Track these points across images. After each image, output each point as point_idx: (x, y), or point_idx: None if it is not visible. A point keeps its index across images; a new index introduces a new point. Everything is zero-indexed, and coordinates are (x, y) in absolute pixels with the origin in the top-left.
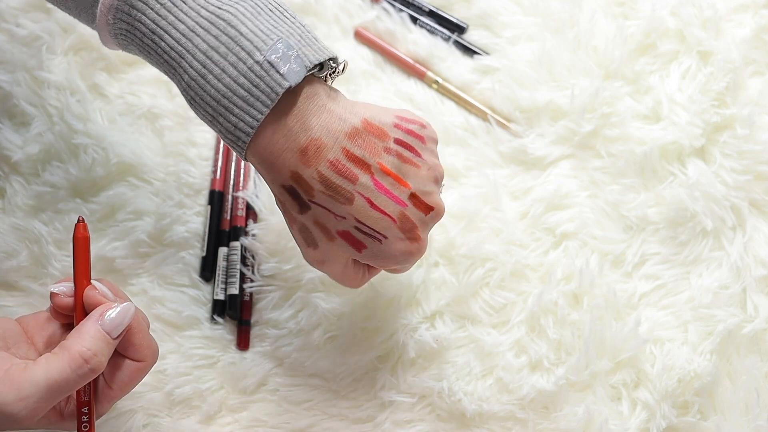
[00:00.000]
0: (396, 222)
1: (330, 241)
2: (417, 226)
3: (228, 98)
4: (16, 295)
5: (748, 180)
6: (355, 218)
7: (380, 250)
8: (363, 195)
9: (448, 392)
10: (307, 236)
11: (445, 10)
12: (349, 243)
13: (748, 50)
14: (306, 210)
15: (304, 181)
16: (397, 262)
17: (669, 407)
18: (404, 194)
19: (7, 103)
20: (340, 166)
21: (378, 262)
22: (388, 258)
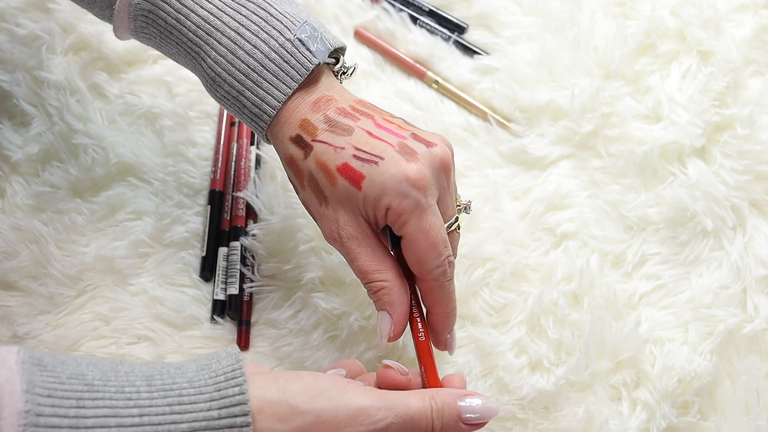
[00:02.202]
0: (394, 147)
1: (333, 186)
2: (417, 152)
3: (258, 72)
4: (15, 295)
5: (748, 180)
6: (353, 146)
7: (379, 175)
8: (363, 128)
9: None
10: (316, 190)
11: (445, 10)
12: (348, 178)
13: (748, 50)
14: (309, 151)
15: (310, 125)
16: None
17: (669, 407)
18: (405, 132)
19: (6, 102)
20: (346, 111)
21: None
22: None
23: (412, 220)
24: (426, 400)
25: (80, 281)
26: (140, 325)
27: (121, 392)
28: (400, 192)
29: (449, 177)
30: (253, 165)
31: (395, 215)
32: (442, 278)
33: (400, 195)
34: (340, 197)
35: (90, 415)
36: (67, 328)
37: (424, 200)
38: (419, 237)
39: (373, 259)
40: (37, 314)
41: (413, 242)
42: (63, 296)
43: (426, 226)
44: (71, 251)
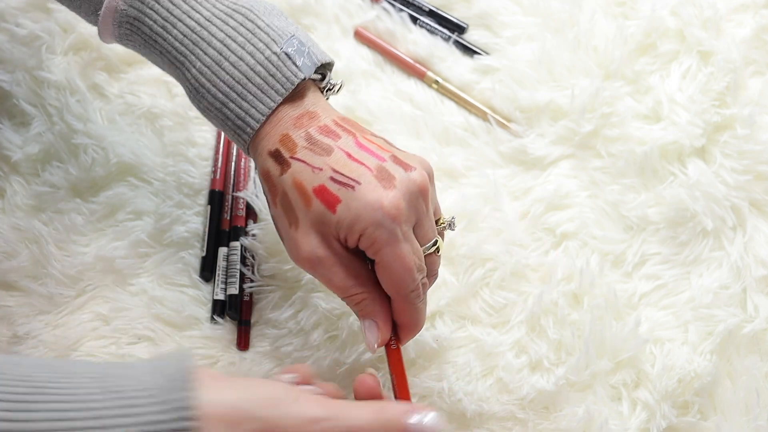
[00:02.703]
0: (372, 171)
1: (307, 207)
2: (395, 178)
3: (243, 85)
4: (15, 295)
5: (748, 180)
6: (331, 168)
7: (354, 200)
8: (342, 149)
9: (448, 392)
10: (288, 210)
11: (445, 10)
12: (324, 201)
13: (748, 50)
14: (286, 168)
15: (290, 140)
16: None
17: (669, 407)
18: (385, 154)
19: (6, 102)
20: (328, 129)
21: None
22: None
23: (386, 249)
24: (373, 413)
25: (80, 281)
26: (140, 325)
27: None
28: (374, 221)
29: (427, 201)
30: (253, 165)
31: (368, 242)
32: (415, 300)
33: (374, 224)
34: (313, 219)
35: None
36: (67, 328)
37: (398, 230)
38: (393, 265)
39: (348, 275)
40: (37, 314)
41: (387, 269)
42: (63, 296)
43: (399, 255)
44: (71, 251)
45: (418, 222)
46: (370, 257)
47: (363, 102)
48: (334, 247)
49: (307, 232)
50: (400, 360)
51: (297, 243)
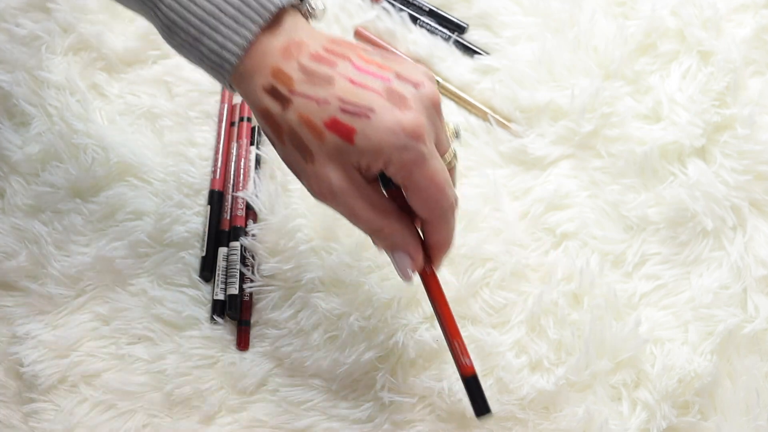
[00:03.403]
0: (382, 95)
1: (321, 141)
2: (407, 97)
3: (215, 17)
4: (15, 295)
5: (748, 180)
6: (338, 98)
7: (372, 129)
8: (343, 76)
9: (448, 392)
10: (299, 145)
11: (445, 10)
12: (339, 133)
13: (748, 50)
14: (288, 104)
15: (284, 74)
16: (397, 144)
17: (669, 407)
18: (388, 73)
19: (6, 102)
20: (320, 56)
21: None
22: (384, 137)
23: (416, 171)
24: None
25: (80, 281)
26: (140, 326)
27: None
28: (399, 145)
29: (440, 113)
30: (253, 165)
31: (395, 169)
32: (451, 217)
33: (400, 148)
34: (330, 152)
35: None
36: (66, 328)
37: (425, 149)
38: (426, 185)
39: (373, 207)
40: (36, 314)
41: (420, 191)
42: (62, 296)
43: (431, 174)
44: (71, 251)
45: (436, 137)
46: (399, 182)
47: None
48: (355, 177)
49: (325, 164)
50: (438, 284)
51: (318, 176)
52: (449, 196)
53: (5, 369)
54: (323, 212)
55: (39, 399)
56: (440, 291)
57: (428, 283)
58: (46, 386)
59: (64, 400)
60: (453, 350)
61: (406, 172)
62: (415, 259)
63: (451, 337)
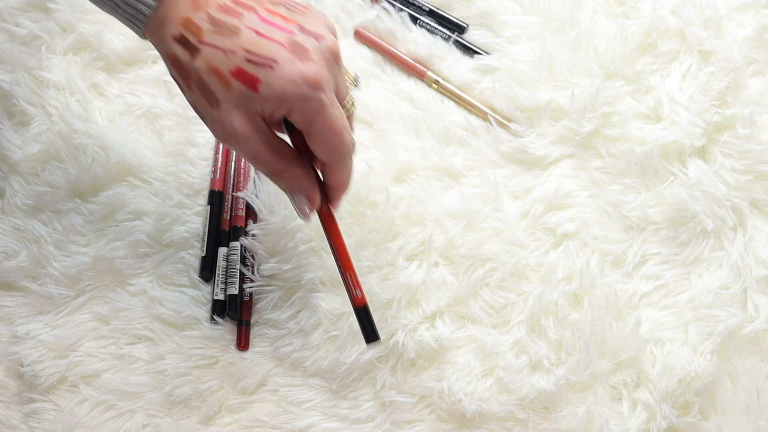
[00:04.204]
0: (286, 47)
1: (227, 89)
2: (309, 50)
3: None
4: (15, 295)
5: (749, 180)
6: (243, 49)
7: (276, 79)
8: (249, 27)
9: (448, 392)
10: (206, 92)
11: (446, 10)
12: (244, 82)
13: (749, 50)
14: (197, 53)
15: (193, 24)
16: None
17: (669, 408)
18: (292, 26)
19: (6, 102)
20: (227, 7)
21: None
22: (287, 87)
23: (317, 119)
24: None
25: (80, 281)
26: (140, 326)
27: None
28: (300, 95)
29: (340, 64)
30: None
31: (298, 116)
32: (348, 159)
33: (302, 98)
34: (235, 99)
35: None
36: (66, 328)
37: (325, 98)
38: (325, 131)
39: (274, 151)
40: (36, 314)
41: (320, 137)
42: (62, 296)
43: (330, 121)
44: (71, 251)
45: (336, 86)
46: (301, 128)
47: (363, 102)
48: (258, 124)
49: (230, 111)
50: (334, 222)
51: (222, 121)
52: (347, 141)
53: (5, 369)
54: None
55: (39, 399)
56: (336, 229)
57: (325, 221)
58: (46, 386)
59: (64, 400)
60: (346, 282)
61: (308, 119)
62: (312, 199)
63: (344, 270)
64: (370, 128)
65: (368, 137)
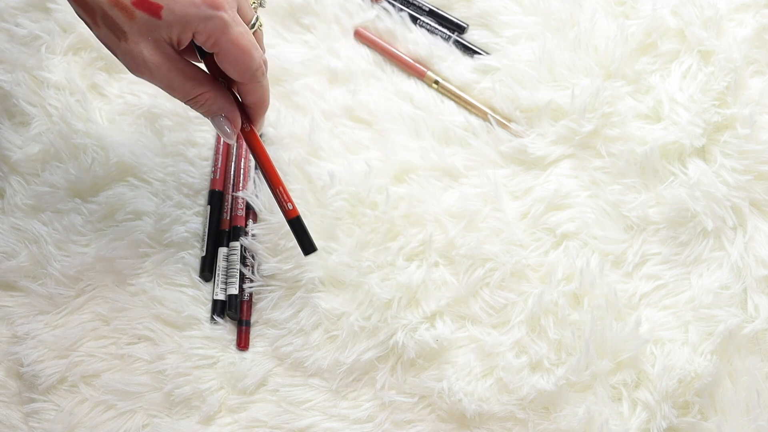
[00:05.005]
0: None
1: (131, 20)
2: None
3: None
4: (15, 295)
5: (749, 180)
6: None
7: (177, 3)
8: None
9: (448, 392)
10: (112, 26)
11: (446, 10)
12: (146, 10)
13: (749, 50)
14: None
15: None
16: (201, 15)
17: (669, 408)
18: None
19: (6, 102)
20: None
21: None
22: (188, 9)
23: (222, 37)
24: None
25: (80, 281)
26: (140, 326)
27: None
28: (202, 16)
29: None
30: (252, 165)
31: (204, 37)
32: (261, 77)
33: (204, 18)
34: (141, 29)
35: None
36: (66, 328)
37: (227, 15)
38: (232, 49)
39: (187, 77)
40: (36, 314)
41: (228, 55)
42: (62, 296)
43: (235, 38)
44: (71, 251)
45: (239, 5)
46: (209, 50)
47: (363, 102)
48: (168, 52)
49: (138, 42)
50: (258, 140)
51: (132, 53)
52: (256, 58)
53: (5, 369)
54: (323, 212)
55: (39, 399)
56: (261, 147)
57: (249, 140)
58: (46, 386)
59: (64, 400)
60: (277, 197)
61: (214, 39)
62: (233, 119)
63: (274, 186)
64: (370, 128)
65: (368, 137)
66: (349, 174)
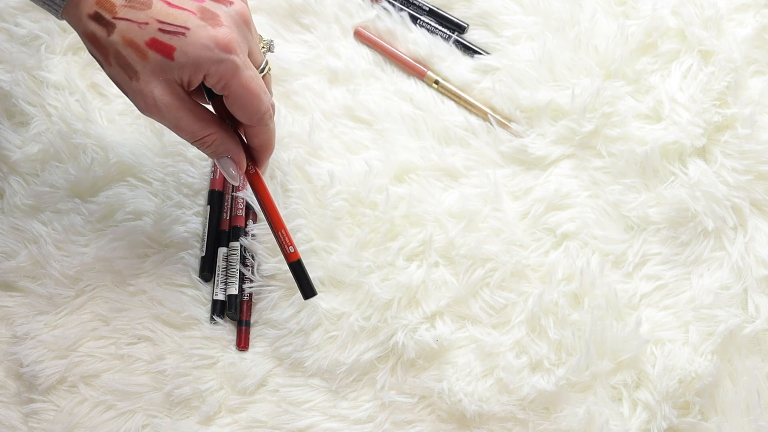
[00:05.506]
0: (196, 14)
1: (144, 60)
2: (219, 15)
3: None
4: (14, 295)
5: (749, 180)
6: (156, 20)
7: (189, 45)
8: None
9: (448, 393)
10: (125, 65)
11: (446, 10)
12: (159, 51)
13: (749, 50)
14: (112, 29)
15: (107, 1)
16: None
17: (670, 408)
18: None
19: (6, 102)
20: None
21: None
22: (201, 52)
23: (232, 80)
24: None
25: (79, 281)
26: (140, 326)
27: None
28: (214, 59)
29: (251, 28)
30: None
31: (214, 80)
32: (269, 121)
33: (216, 61)
34: (153, 69)
35: None
36: (66, 328)
37: (239, 59)
38: (242, 93)
39: (195, 118)
40: (36, 314)
41: (238, 98)
42: (62, 296)
43: (245, 82)
44: (70, 251)
45: (249, 49)
46: (219, 92)
47: (363, 102)
48: (178, 92)
49: (149, 81)
50: (262, 182)
51: (143, 93)
52: (265, 102)
53: (5, 369)
54: (323, 212)
55: (39, 399)
56: (265, 189)
57: (254, 182)
58: (46, 386)
59: (64, 401)
60: (279, 240)
61: (224, 82)
62: (239, 161)
63: (276, 230)
64: (370, 128)
65: (368, 137)
66: (349, 174)
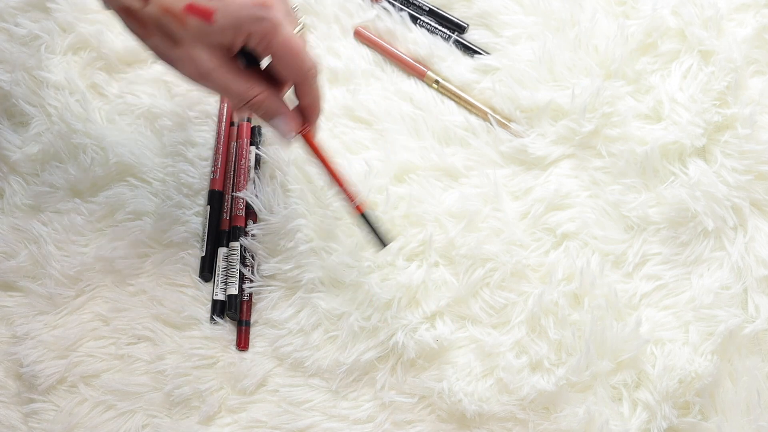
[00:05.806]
0: None
1: (183, 27)
2: None
3: None
4: (14, 295)
5: (749, 180)
6: None
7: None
8: None
9: (448, 393)
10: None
11: (446, 10)
12: (199, 15)
13: (749, 50)
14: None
15: None
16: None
17: (670, 408)
18: None
19: (6, 102)
20: None
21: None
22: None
23: (275, 38)
24: None
25: (79, 281)
26: (140, 326)
27: None
28: (254, 17)
29: None
30: (252, 165)
31: (257, 39)
32: (314, 77)
33: (256, 19)
34: (194, 35)
35: None
36: (66, 328)
37: (279, 17)
38: (286, 50)
39: (242, 79)
40: (36, 314)
41: (283, 56)
42: (62, 296)
43: (289, 39)
44: (70, 251)
45: (285, 10)
46: (262, 53)
47: (363, 102)
48: (222, 55)
49: (193, 47)
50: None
51: (190, 57)
52: (307, 59)
53: (5, 369)
54: (323, 212)
55: (38, 399)
56: (321, 149)
57: (309, 143)
58: (46, 386)
59: (64, 401)
60: (344, 196)
61: (267, 41)
62: (292, 118)
63: (339, 186)
64: (370, 128)
65: (368, 137)
66: (349, 174)
